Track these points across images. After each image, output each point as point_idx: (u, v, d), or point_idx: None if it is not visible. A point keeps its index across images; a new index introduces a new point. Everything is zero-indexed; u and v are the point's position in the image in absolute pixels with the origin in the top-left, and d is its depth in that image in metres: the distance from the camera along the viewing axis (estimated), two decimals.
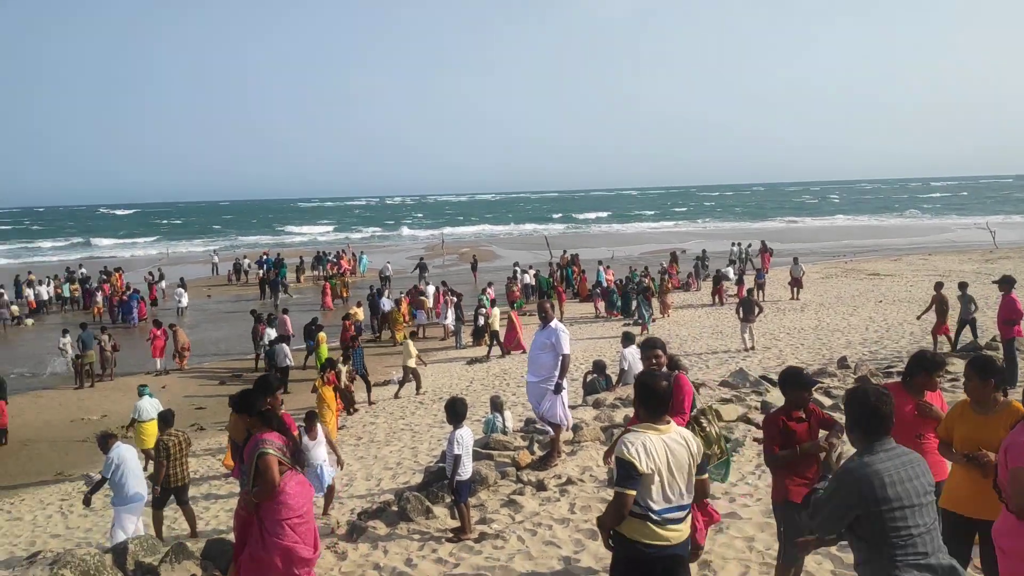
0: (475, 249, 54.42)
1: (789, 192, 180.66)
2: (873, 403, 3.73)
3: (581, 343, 20.96)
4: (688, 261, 37.56)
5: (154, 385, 19.67)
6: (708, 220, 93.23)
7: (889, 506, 3.52)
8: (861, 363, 14.52)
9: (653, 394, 4.15)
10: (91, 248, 72.29)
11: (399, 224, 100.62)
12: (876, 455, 3.64)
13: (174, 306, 30.90)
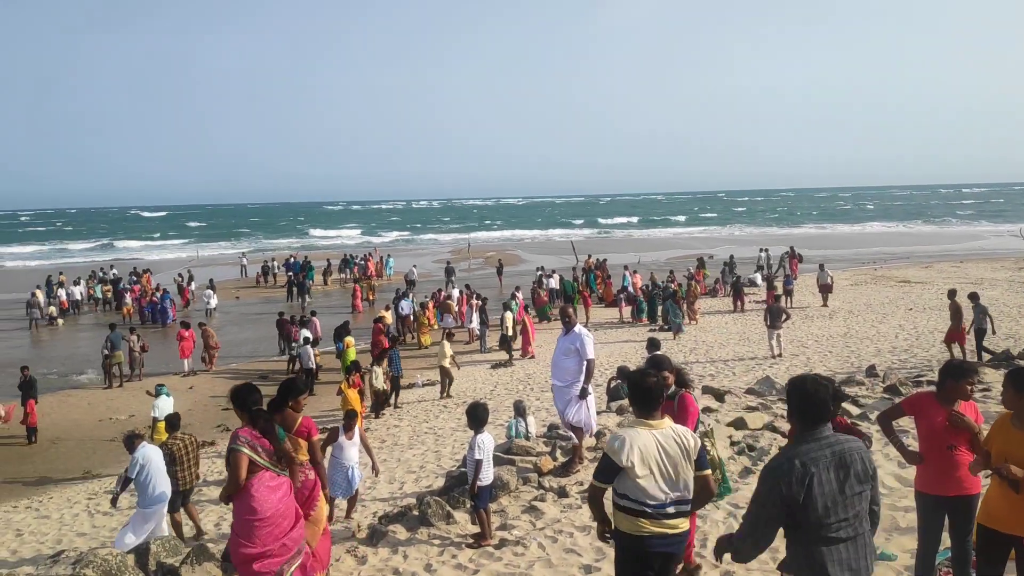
0: (501, 253, 54.43)
1: (820, 198, 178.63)
2: (810, 389, 3.74)
3: (606, 348, 20.86)
4: (716, 267, 37.30)
5: (182, 386, 19.99)
6: (738, 225, 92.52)
7: (810, 496, 3.55)
8: (890, 371, 14.30)
9: (644, 391, 4.25)
10: (118, 250, 73.21)
11: (426, 228, 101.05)
12: (803, 445, 3.67)
13: (203, 307, 31.18)
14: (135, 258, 61.59)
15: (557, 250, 56.22)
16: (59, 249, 75.11)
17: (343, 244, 73.93)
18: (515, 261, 50.62)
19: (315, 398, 18.49)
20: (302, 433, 5.92)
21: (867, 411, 10.51)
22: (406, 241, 79.83)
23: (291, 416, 5.95)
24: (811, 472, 3.58)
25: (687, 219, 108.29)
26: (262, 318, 31.22)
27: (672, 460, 4.16)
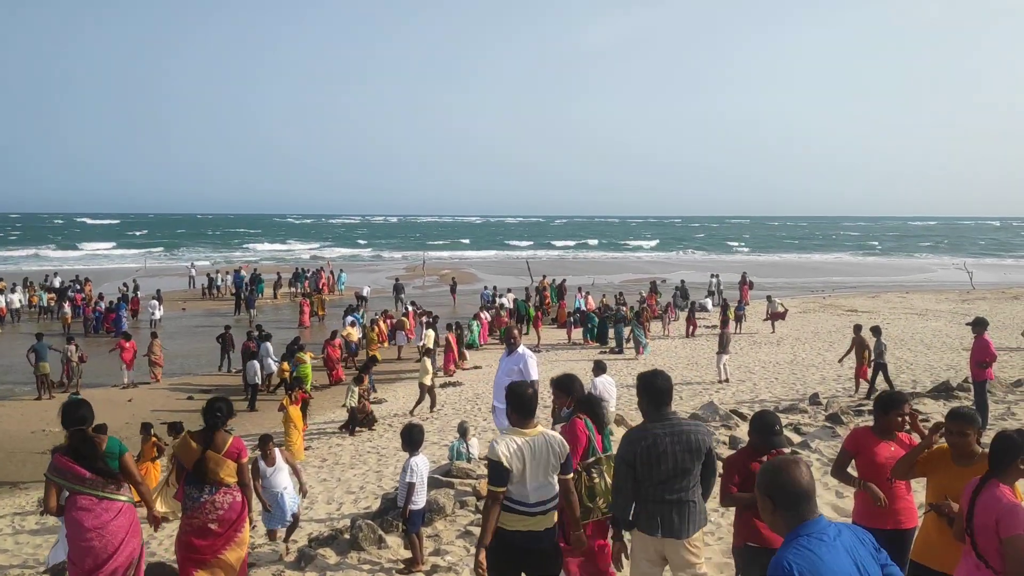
0: (455, 271, 54.24)
1: (773, 227, 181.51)
2: (655, 381, 4.79)
3: (555, 369, 20.75)
4: (668, 291, 37.58)
5: (120, 398, 19.45)
6: (690, 250, 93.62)
7: (651, 463, 4.54)
8: (833, 400, 14.45)
9: (520, 401, 4.69)
10: (57, 258, 71.59)
11: (381, 243, 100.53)
12: (651, 423, 4.65)
13: (147, 318, 30.41)
14: (77, 267, 60.12)
15: (513, 270, 56.24)
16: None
17: (294, 257, 73.22)
18: (470, 280, 50.48)
19: (258, 415, 18.13)
20: (231, 455, 5.76)
21: (808, 439, 10.54)
22: (353, 258, 78.92)
23: (220, 437, 5.79)
24: (655, 444, 4.60)
25: (642, 243, 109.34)
26: (207, 331, 30.63)
27: (540, 463, 4.57)
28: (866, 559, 2.98)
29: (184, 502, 5.79)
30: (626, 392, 16.68)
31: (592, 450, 5.39)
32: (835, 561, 2.83)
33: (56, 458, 5.38)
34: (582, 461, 5.31)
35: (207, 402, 5.92)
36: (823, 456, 9.69)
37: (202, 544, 5.65)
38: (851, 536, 3.04)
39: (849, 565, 2.86)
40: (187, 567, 5.67)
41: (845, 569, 2.83)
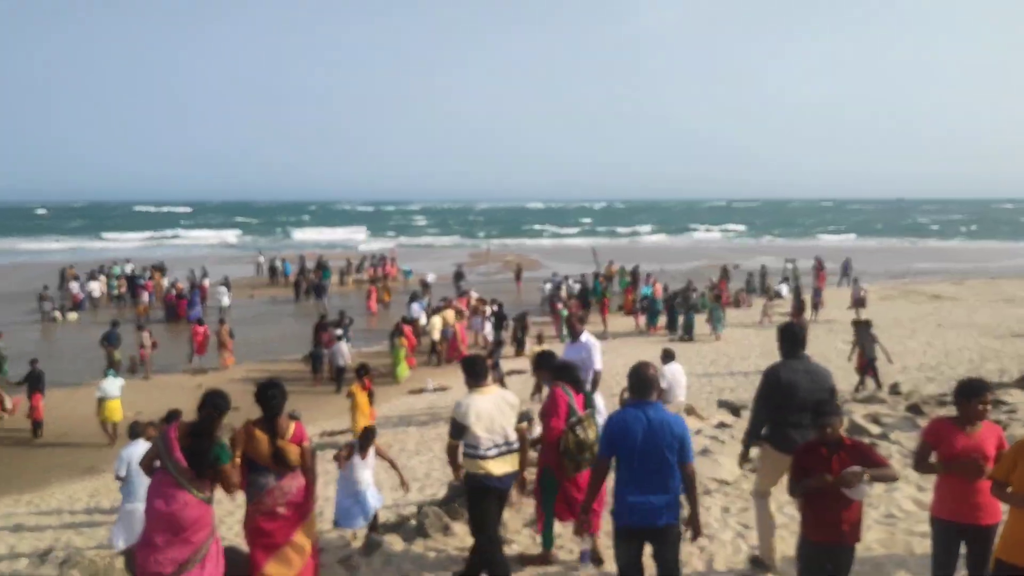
0: (520, 258, 54.11)
1: (851, 210, 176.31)
2: (790, 326, 6.07)
3: (621, 358, 20.47)
4: (740, 277, 36.85)
5: (190, 383, 19.86)
6: (767, 237, 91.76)
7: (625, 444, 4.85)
8: (915, 390, 13.84)
9: (473, 366, 5.90)
10: (119, 247, 73.68)
11: (449, 230, 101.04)
12: (630, 407, 5.00)
13: (216, 305, 31.03)
14: (148, 255, 61.71)
15: (578, 256, 55.76)
16: (74, 244, 75.44)
17: (359, 243, 74.02)
18: (534, 266, 50.29)
19: (325, 400, 18.32)
20: (295, 440, 5.71)
21: (887, 430, 10.08)
22: (417, 245, 79.36)
23: (283, 423, 5.73)
24: (791, 377, 5.71)
25: (711, 227, 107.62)
26: (274, 318, 31.19)
27: (498, 416, 5.72)
28: (661, 433, 4.79)
29: (249, 489, 5.74)
30: (695, 381, 16.32)
31: (573, 411, 6.05)
32: (635, 423, 4.82)
33: (171, 428, 5.36)
34: (567, 421, 6.00)
35: (259, 388, 5.79)
36: (903, 447, 9.25)
37: (272, 527, 5.64)
38: (660, 419, 4.84)
39: (642, 429, 4.79)
40: (257, 551, 5.67)
41: (638, 429, 4.79)
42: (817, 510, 4.82)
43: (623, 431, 4.84)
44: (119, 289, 35.24)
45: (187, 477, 5.26)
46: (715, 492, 7.70)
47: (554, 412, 6.06)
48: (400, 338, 20.45)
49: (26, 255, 63.32)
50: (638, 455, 4.80)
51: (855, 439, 5.01)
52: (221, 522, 10.66)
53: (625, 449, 4.82)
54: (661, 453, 4.77)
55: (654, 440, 4.77)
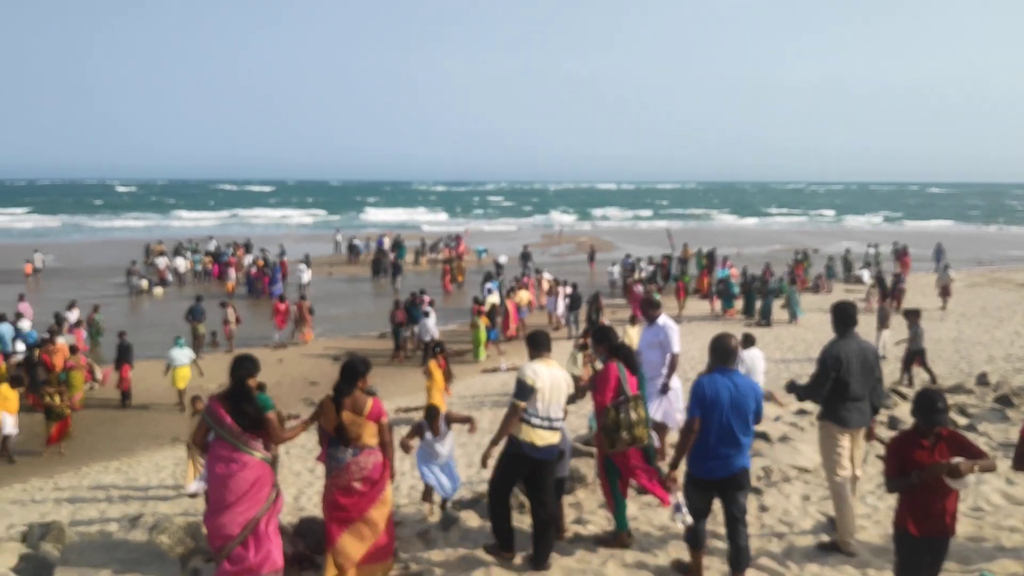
0: (594, 239, 53.85)
1: (936, 196, 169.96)
2: (843, 306, 6.26)
3: (697, 342, 20.26)
4: (820, 261, 36.03)
5: (271, 358, 20.43)
6: (845, 217, 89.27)
7: (836, 366, 5.89)
8: (1003, 381, 13.34)
9: (535, 339, 6.10)
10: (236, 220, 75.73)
11: (521, 210, 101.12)
12: (712, 374, 5.47)
13: (295, 282, 31.77)
14: (233, 232, 63.35)
15: (651, 239, 55.20)
16: (157, 221, 77.81)
17: (434, 223, 74.65)
18: (608, 248, 49.98)
19: (400, 376, 18.64)
20: (373, 417, 5.82)
21: (975, 421, 9.77)
22: (498, 227, 79.76)
23: (360, 399, 5.84)
24: (844, 355, 5.98)
25: (791, 209, 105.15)
26: (352, 295, 31.82)
27: (556, 387, 5.87)
28: (747, 398, 5.37)
29: (328, 463, 5.91)
30: (773, 367, 16.05)
31: (622, 389, 6.08)
32: (724, 389, 5.33)
33: (210, 400, 5.70)
34: (613, 399, 6.05)
35: (343, 364, 5.96)
36: (991, 440, 8.97)
37: (348, 502, 5.76)
38: (743, 383, 5.44)
39: (729, 394, 5.32)
40: (333, 525, 5.79)
41: (726, 394, 5.31)
42: (921, 503, 4.68)
43: (714, 395, 5.34)
44: (204, 265, 36.34)
45: (240, 439, 5.56)
46: (795, 480, 7.59)
47: (603, 387, 6.14)
48: (480, 318, 20.71)
49: (109, 232, 65.76)
50: (725, 417, 5.31)
51: (952, 429, 4.86)
52: (301, 493, 11.02)
53: (715, 411, 5.31)
54: (745, 415, 5.37)
55: (741, 404, 5.34)
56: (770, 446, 8.81)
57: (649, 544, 6.38)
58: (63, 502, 11.91)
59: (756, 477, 7.71)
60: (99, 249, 49.69)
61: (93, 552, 6.08)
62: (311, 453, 12.75)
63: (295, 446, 13.54)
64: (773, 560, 5.95)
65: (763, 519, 6.80)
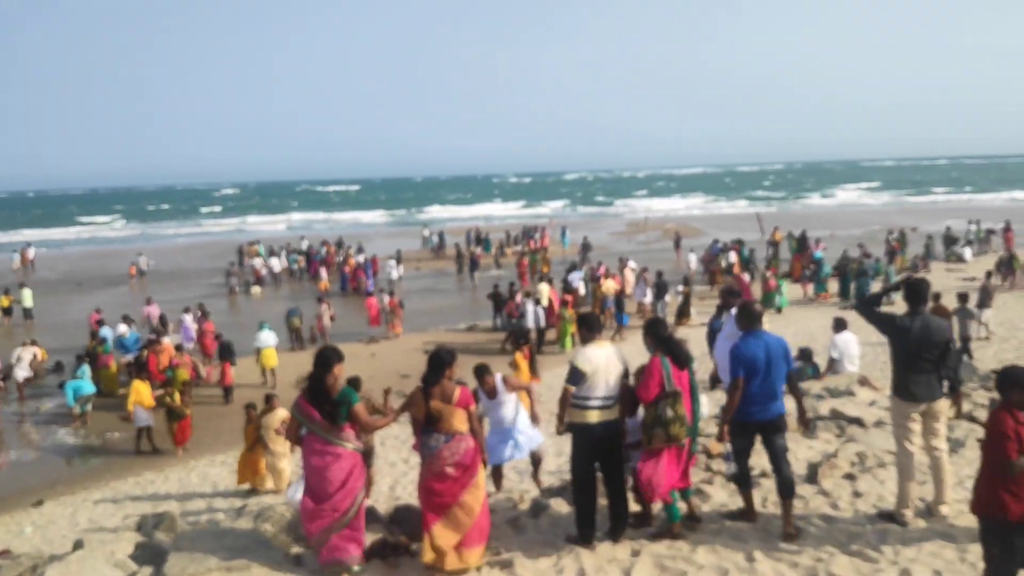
0: (680, 226, 53.14)
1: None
2: (915, 283, 6.25)
3: (790, 328, 19.87)
4: (918, 241, 34.74)
5: (364, 352, 20.98)
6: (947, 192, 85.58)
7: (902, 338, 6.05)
8: None
9: (588, 322, 6.37)
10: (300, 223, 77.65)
11: (608, 199, 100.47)
12: (907, 316, 6.05)
13: (386, 278, 32.45)
14: (323, 232, 64.89)
15: (739, 224, 54.11)
16: (242, 222, 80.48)
17: (517, 216, 74.84)
18: (695, 234, 49.25)
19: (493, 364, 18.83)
20: (461, 404, 6.01)
21: None
22: (577, 214, 79.48)
23: (449, 388, 6.03)
24: (909, 328, 6.01)
25: (886, 187, 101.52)
26: (440, 289, 32.32)
27: (608, 368, 6.09)
28: (778, 353, 6.15)
29: (421, 451, 6.11)
30: (870, 351, 15.61)
31: (665, 384, 6.10)
32: (758, 348, 6.10)
33: (298, 397, 5.96)
34: (657, 395, 6.08)
35: (430, 356, 6.17)
36: None
37: (442, 488, 5.94)
38: (774, 341, 6.22)
39: (764, 352, 6.09)
40: (429, 511, 5.98)
41: (760, 353, 6.09)
42: (1010, 485, 4.53)
43: (751, 354, 6.13)
44: (299, 264, 37.46)
45: (331, 431, 5.81)
46: (889, 465, 7.41)
47: (646, 380, 6.17)
48: (567, 309, 20.82)
49: (191, 236, 68.55)
50: (763, 372, 6.10)
51: None
52: (396, 483, 11.32)
53: (754, 370, 6.09)
54: (780, 367, 6.15)
55: (775, 359, 6.13)
56: (865, 431, 8.64)
57: (739, 532, 6.35)
58: (173, 494, 12.56)
59: (850, 463, 7.60)
60: (189, 252, 51.82)
61: (203, 540, 6.38)
62: (405, 444, 13.04)
63: (389, 437, 13.89)
64: (867, 546, 5.85)
65: (857, 504, 6.68)
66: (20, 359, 18.98)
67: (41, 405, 18.61)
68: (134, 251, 45.13)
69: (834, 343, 12.67)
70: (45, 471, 14.60)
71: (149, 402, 14.79)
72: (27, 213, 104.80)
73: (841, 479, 7.25)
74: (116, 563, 6.02)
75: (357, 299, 29.10)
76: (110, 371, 18.72)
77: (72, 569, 5.75)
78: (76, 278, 39.62)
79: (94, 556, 6.02)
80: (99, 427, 16.67)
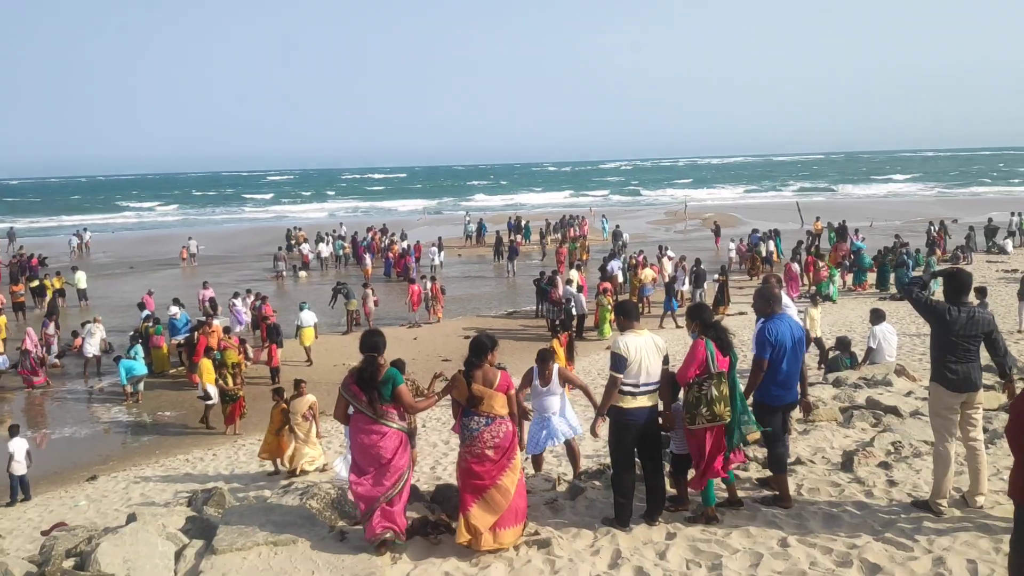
0: (719, 215, 52.68)
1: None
2: (956, 272, 6.26)
3: (828, 317, 19.74)
4: (959, 232, 34.13)
5: (407, 336, 21.32)
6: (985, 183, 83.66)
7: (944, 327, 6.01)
8: None
9: (625, 309, 6.49)
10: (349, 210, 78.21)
11: (646, 187, 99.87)
12: (949, 305, 6.01)
13: (428, 263, 32.82)
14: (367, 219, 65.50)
15: (780, 214, 53.46)
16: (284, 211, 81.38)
17: (561, 205, 74.77)
18: (734, 223, 48.81)
19: (529, 349, 19.01)
20: (502, 388, 6.18)
21: None
22: (618, 203, 79.14)
23: (490, 372, 6.20)
24: (952, 318, 5.95)
25: (919, 177, 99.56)
26: (480, 275, 32.55)
27: (648, 354, 6.16)
28: (800, 336, 6.49)
29: (462, 433, 6.29)
30: (907, 341, 15.52)
31: (709, 367, 6.19)
32: (785, 331, 6.36)
33: (346, 377, 6.17)
34: (697, 376, 6.19)
35: (472, 341, 6.37)
36: None
37: (481, 470, 6.10)
38: (796, 326, 6.55)
39: (789, 335, 6.37)
40: (467, 492, 6.15)
41: (787, 335, 6.35)
42: None
43: (779, 336, 6.38)
44: (344, 250, 37.99)
45: (377, 412, 6.01)
46: (926, 455, 7.46)
47: (689, 364, 6.23)
48: (606, 296, 20.93)
49: (247, 222, 69.62)
50: (789, 354, 6.38)
51: None
52: (437, 463, 11.57)
53: (780, 350, 6.35)
54: (800, 351, 6.48)
55: (797, 342, 6.45)
56: (901, 421, 8.67)
57: (775, 517, 6.44)
58: (222, 471, 12.96)
59: (886, 452, 7.65)
60: (236, 237, 52.63)
61: (251, 515, 6.57)
62: (446, 425, 13.28)
63: (431, 419, 14.15)
64: (901, 534, 5.90)
65: (892, 493, 6.72)
66: (91, 335, 19.53)
67: (96, 383, 19.22)
68: (183, 236, 46.01)
69: (872, 333, 12.64)
70: (99, 447, 15.13)
71: (211, 380, 15.29)
72: (78, 199, 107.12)
73: (876, 467, 7.30)
74: (168, 536, 6.25)
75: (400, 284, 29.46)
76: (161, 352, 19.28)
77: (126, 541, 5.99)
78: (128, 261, 40.58)
79: (147, 529, 6.25)
80: (150, 406, 17.23)
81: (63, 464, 14.20)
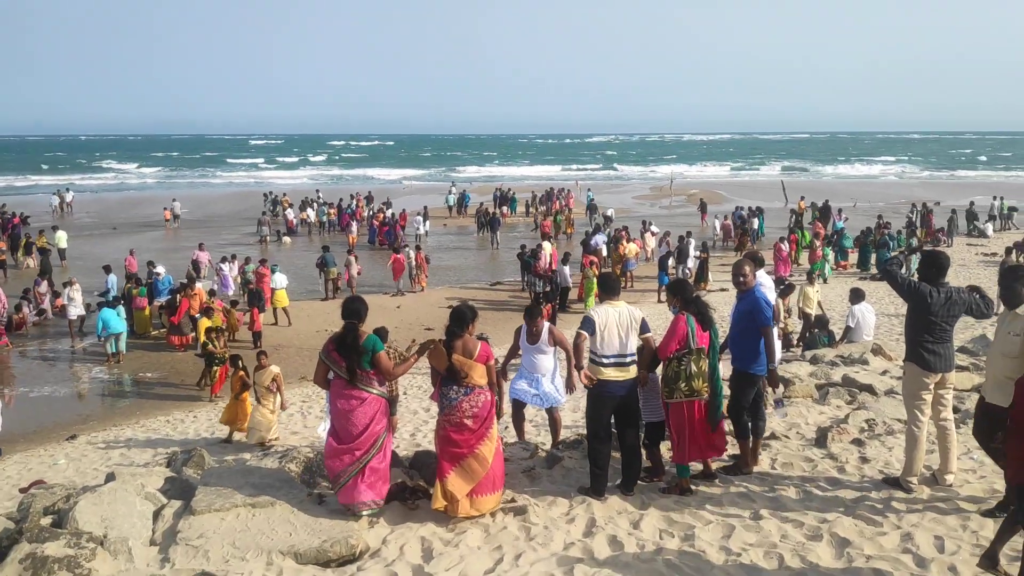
0: (704, 192, 52.74)
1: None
2: (936, 255, 6.31)
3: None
4: (942, 214, 34.40)
5: (390, 304, 21.33)
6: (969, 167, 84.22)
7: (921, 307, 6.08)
8: None
9: (605, 282, 6.79)
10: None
11: (631, 162, 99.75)
12: (926, 285, 6.07)
13: (413, 232, 32.74)
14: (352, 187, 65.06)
15: (764, 192, 53.62)
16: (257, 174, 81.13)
17: (548, 178, 74.61)
18: (719, 200, 48.91)
19: (509, 321, 19.07)
20: (481, 359, 6.23)
21: None
22: (604, 178, 79.09)
23: (470, 342, 6.25)
24: (930, 299, 6.00)
25: (910, 159, 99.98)
26: (464, 246, 32.53)
27: (623, 326, 6.28)
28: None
29: (441, 401, 6.34)
30: (885, 321, 15.69)
31: (689, 342, 6.33)
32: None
33: (327, 343, 6.20)
34: (677, 351, 6.32)
35: (453, 311, 6.42)
36: None
37: (459, 438, 6.17)
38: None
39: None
40: (444, 460, 6.22)
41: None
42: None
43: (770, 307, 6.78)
44: (329, 216, 37.84)
45: (355, 376, 6.05)
46: (898, 433, 7.58)
47: (670, 339, 6.35)
48: (591, 269, 20.99)
49: (230, 186, 69.06)
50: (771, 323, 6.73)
51: None
52: (417, 430, 11.65)
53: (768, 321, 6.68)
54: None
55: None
56: (875, 399, 8.80)
57: (747, 491, 6.54)
58: (202, 433, 12.98)
59: (859, 429, 7.77)
60: (219, 201, 52.32)
61: (230, 477, 6.59)
62: (427, 393, 13.33)
63: (411, 387, 14.20)
64: (871, 510, 5.99)
65: (863, 470, 6.82)
66: (72, 299, 19.33)
67: (77, 343, 19.15)
68: (165, 198, 45.66)
69: (851, 312, 12.78)
70: (79, 407, 15.15)
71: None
72: (59, 157, 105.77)
73: (849, 444, 7.42)
74: (147, 496, 6.26)
75: (384, 253, 29.38)
76: (143, 313, 19.20)
77: (104, 499, 5.99)
78: (111, 222, 40.27)
79: (125, 488, 6.24)
80: (132, 367, 17.20)
81: (43, 423, 14.18)
